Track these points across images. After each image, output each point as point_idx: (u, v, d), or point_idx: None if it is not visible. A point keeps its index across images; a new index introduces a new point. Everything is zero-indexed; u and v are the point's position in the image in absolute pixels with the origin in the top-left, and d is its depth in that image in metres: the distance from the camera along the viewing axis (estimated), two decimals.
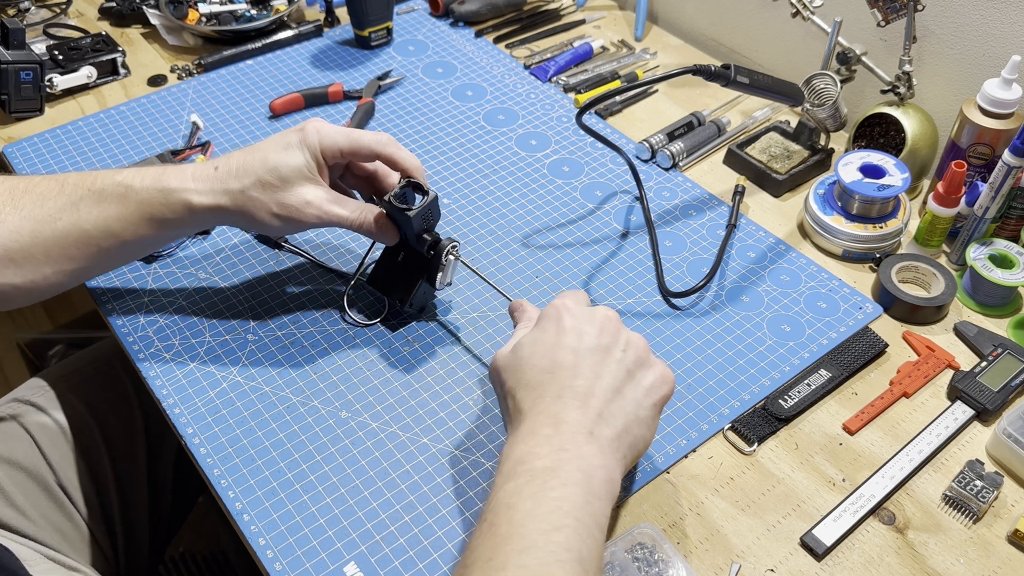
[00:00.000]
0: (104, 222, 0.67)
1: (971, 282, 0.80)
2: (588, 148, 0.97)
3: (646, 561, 0.59)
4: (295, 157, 0.67)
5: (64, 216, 0.66)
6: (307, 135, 0.67)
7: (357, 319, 0.77)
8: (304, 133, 0.68)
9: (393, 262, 0.75)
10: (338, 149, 0.69)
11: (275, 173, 0.66)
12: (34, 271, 0.67)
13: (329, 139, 0.68)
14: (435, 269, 0.72)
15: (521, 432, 0.54)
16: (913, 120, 0.89)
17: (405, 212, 0.69)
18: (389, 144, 0.70)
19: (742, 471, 0.67)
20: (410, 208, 0.69)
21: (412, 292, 0.74)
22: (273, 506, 0.64)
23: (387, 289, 0.76)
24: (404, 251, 0.75)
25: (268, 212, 0.67)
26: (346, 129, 0.69)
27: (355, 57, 1.11)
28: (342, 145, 0.69)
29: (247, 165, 0.67)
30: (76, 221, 0.66)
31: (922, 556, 0.62)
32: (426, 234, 0.71)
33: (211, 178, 0.67)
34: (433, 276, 0.73)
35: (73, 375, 0.86)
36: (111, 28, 1.16)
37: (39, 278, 0.67)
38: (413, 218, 0.69)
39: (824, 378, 0.73)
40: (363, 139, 0.69)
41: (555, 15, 1.20)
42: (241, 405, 0.70)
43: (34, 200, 0.67)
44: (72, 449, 0.81)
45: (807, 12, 0.92)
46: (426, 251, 0.72)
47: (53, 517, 0.78)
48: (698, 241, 0.86)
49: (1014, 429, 0.66)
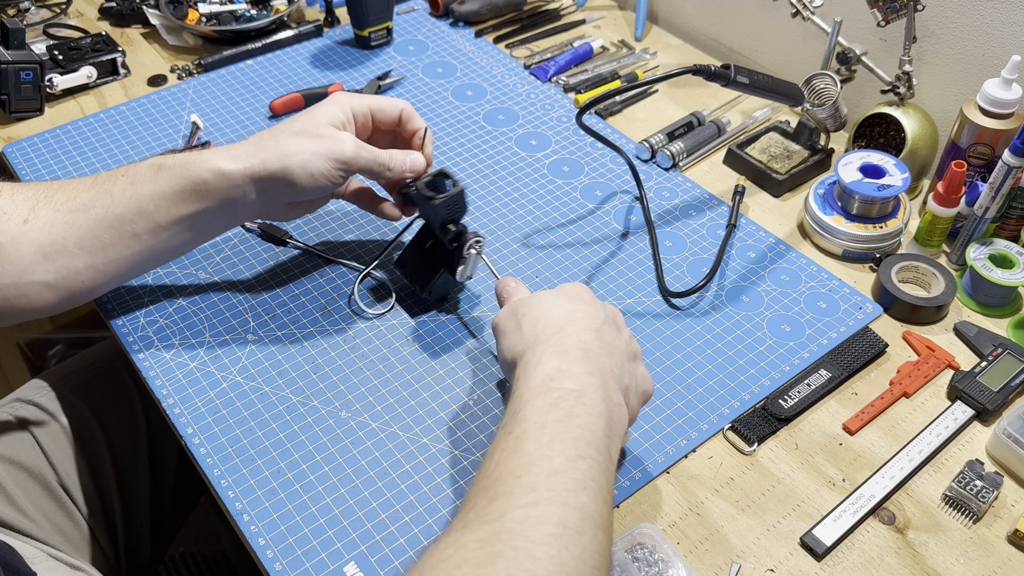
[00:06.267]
0: (137, 201, 0.67)
1: (971, 282, 0.80)
2: (588, 148, 0.97)
3: (646, 561, 0.59)
4: (326, 108, 0.70)
5: (98, 203, 0.67)
6: (336, 95, 0.72)
7: (364, 307, 0.78)
8: (332, 95, 0.72)
9: (421, 249, 0.77)
10: (367, 106, 0.72)
11: (310, 122, 0.69)
12: (66, 265, 0.66)
13: (358, 98, 0.72)
14: (456, 261, 0.73)
15: (550, 348, 0.55)
16: (913, 120, 0.89)
17: (431, 200, 0.70)
18: (407, 107, 0.74)
19: (742, 471, 0.67)
20: (435, 197, 0.71)
21: (432, 280, 0.75)
22: (273, 506, 0.64)
23: (411, 274, 0.77)
24: (432, 239, 0.76)
25: (309, 152, 0.67)
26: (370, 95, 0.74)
27: (355, 57, 1.11)
28: (370, 103, 0.72)
29: (280, 126, 0.69)
30: (110, 204, 0.67)
31: (922, 556, 0.62)
32: (451, 224, 0.72)
33: (243, 144, 0.69)
34: (454, 267, 0.73)
35: (75, 375, 0.86)
36: (111, 28, 1.16)
37: (71, 274, 0.67)
38: (438, 206, 0.70)
39: (824, 378, 0.73)
40: (388, 100, 0.74)
41: (555, 15, 1.20)
42: (241, 405, 0.70)
43: (68, 194, 0.67)
44: (74, 449, 0.81)
45: (807, 12, 0.92)
46: (448, 242, 0.73)
47: (54, 517, 0.78)
48: (698, 241, 0.86)
49: (1014, 429, 0.66)
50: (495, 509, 0.45)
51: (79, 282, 0.68)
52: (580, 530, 0.45)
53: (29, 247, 0.65)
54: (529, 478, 0.47)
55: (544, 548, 0.43)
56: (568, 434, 0.49)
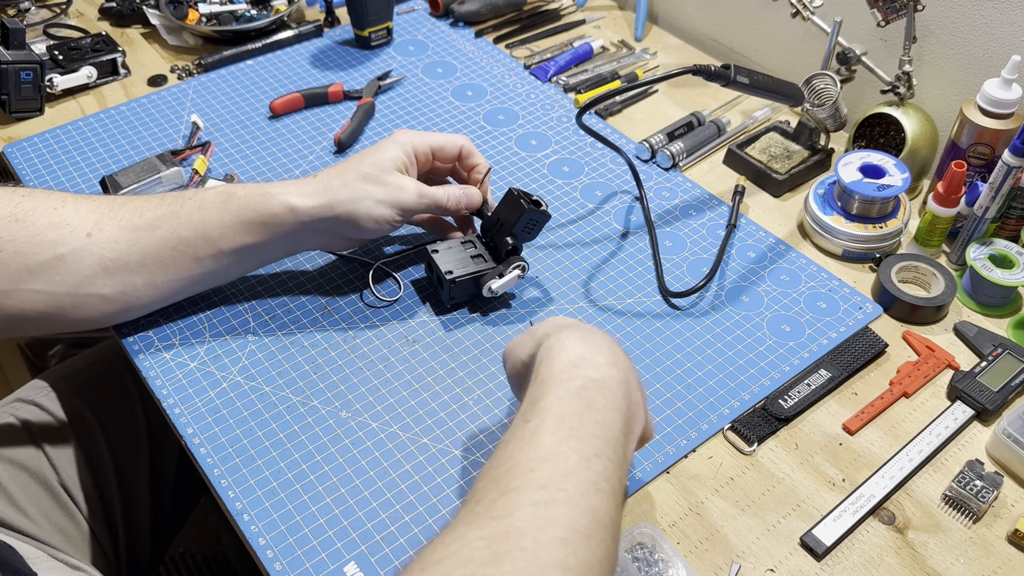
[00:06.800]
0: (203, 227, 0.68)
1: (971, 282, 0.80)
2: (588, 148, 0.97)
3: (646, 561, 0.59)
4: (390, 151, 0.73)
5: (164, 224, 0.68)
6: (399, 135, 0.74)
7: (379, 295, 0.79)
8: (394, 135, 0.74)
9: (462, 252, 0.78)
10: (428, 145, 0.75)
11: (375, 166, 0.71)
12: (125, 281, 0.68)
13: (419, 137, 0.75)
14: (492, 272, 0.75)
15: (575, 334, 0.55)
16: (913, 120, 0.89)
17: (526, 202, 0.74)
18: (467, 144, 0.78)
19: (742, 471, 0.67)
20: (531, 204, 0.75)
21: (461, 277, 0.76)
22: (273, 506, 0.64)
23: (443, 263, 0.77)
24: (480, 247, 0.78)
25: (373, 199, 0.71)
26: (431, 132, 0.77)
27: (355, 57, 1.11)
28: (431, 142, 0.76)
29: (346, 166, 0.72)
30: (176, 227, 0.68)
31: (922, 556, 0.62)
32: (514, 237, 0.76)
33: (311, 182, 0.71)
34: (487, 278, 0.75)
35: (76, 375, 0.86)
36: (111, 28, 1.16)
37: (129, 289, 0.68)
38: (528, 212, 0.74)
39: (824, 378, 0.73)
40: (448, 138, 0.77)
41: (555, 15, 1.20)
42: (241, 405, 0.70)
43: (132, 211, 0.68)
44: (74, 449, 0.81)
45: (807, 12, 0.92)
46: (504, 254, 0.76)
47: (55, 517, 0.78)
48: (698, 241, 0.86)
49: (1014, 429, 0.66)
50: (505, 504, 0.44)
51: (135, 297, 0.69)
52: (589, 535, 0.44)
53: (91, 260, 0.66)
54: (543, 474, 0.46)
55: (551, 552, 0.42)
56: (586, 430, 0.48)
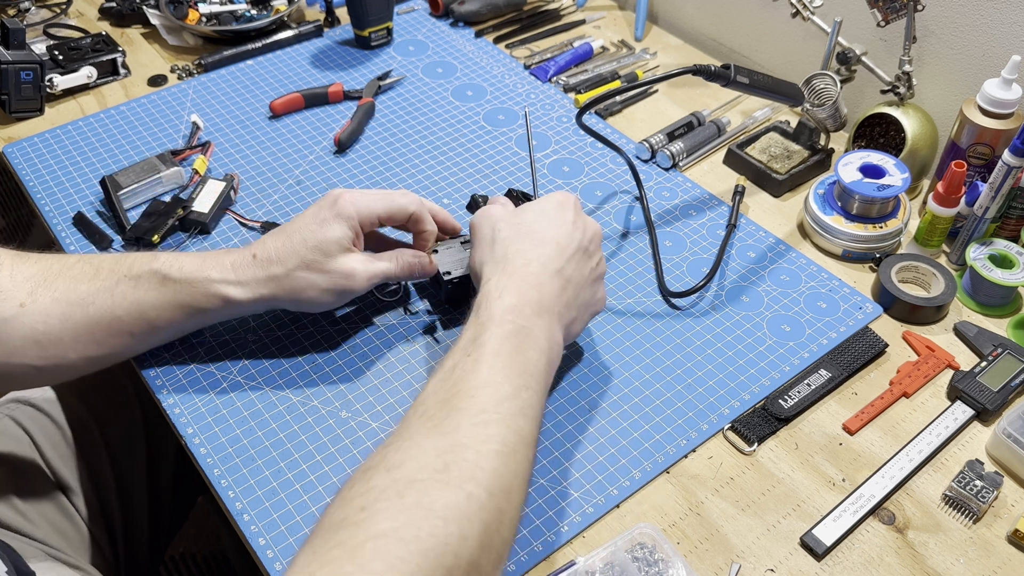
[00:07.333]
0: (138, 308, 0.66)
1: (971, 282, 0.80)
2: (588, 148, 0.97)
3: (646, 561, 0.59)
4: (334, 230, 0.67)
5: (98, 300, 0.66)
6: (342, 207, 0.68)
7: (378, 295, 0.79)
8: (339, 206, 0.68)
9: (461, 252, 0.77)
10: (375, 215, 0.69)
11: (318, 250, 0.66)
12: (58, 355, 0.66)
13: (366, 207, 0.69)
14: None
15: (513, 281, 0.62)
16: (913, 120, 0.89)
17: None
18: (417, 209, 0.72)
19: (742, 471, 0.67)
20: None
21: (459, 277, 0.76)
22: (273, 506, 0.64)
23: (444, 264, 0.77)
24: None
25: (318, 290, 0.67)
26: (379, 193, 0.70)
27: (355, 57, 1.11)
28: (379, 211, 0.70)
29: (287, 247, 0.67)
30: (110, 307, 0.66)
31: (922, 556, 0.62)
32: None
33: (251, 266, 0.67)
34: None
35: None
36: (111, 28, 1.16)
37: (62, 362, 0.66)
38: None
39: (824, 378, 0.73)
40: (398, 201, 0.71)
41: (555, 15, 1.20)
42: (241, 405, 0.70)
43: (67, 283, 0.66)
44: (72, 450, 0.81)
45: (807, 12, 0.92)
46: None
47: (53, 517, 0.78)
48: (698, 241, 0.86)
49: (1014, 429, 0.66)
50: (451, 423, 0.53)
51: (67, 366, 0.67)
52: (516, 449, 0.53)
53: (22, 331, 0.64)
54: (482, 399, 0.54)
55: (489, 461, 0.51)
56: (516, 366, 0.57)
